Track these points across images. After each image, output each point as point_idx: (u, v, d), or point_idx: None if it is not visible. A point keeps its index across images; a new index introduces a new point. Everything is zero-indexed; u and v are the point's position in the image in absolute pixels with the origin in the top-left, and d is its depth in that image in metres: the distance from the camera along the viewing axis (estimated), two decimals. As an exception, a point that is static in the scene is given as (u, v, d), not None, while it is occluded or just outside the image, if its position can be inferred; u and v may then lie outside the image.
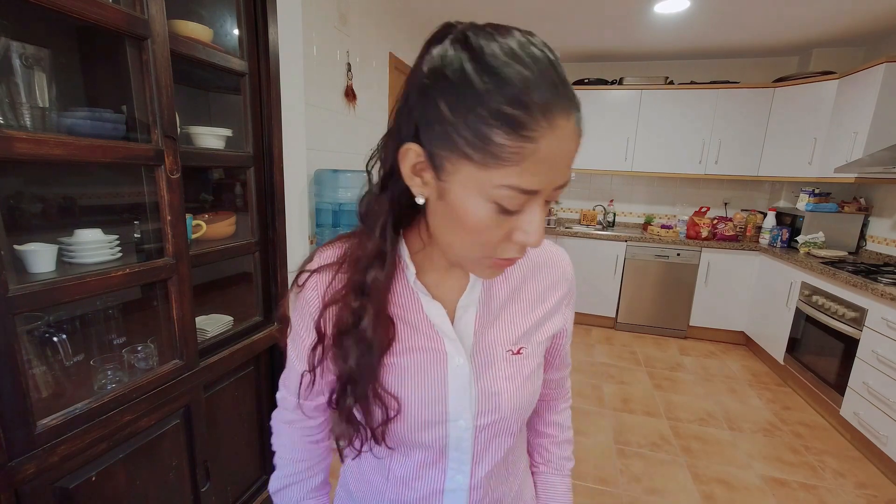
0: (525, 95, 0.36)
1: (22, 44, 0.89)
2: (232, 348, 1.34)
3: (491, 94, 0.36)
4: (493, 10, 2.84)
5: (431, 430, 0.53)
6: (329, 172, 1.97)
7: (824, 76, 3.09)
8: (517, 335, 0.56)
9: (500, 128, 0.36)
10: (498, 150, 0.37)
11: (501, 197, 0.39)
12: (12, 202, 1.01)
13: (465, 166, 0.39)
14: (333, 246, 0.55)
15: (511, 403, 0.54)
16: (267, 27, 1.34)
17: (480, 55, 0.38)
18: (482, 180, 0.39)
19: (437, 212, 0.45)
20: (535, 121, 0.36)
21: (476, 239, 0.43)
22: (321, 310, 0.52)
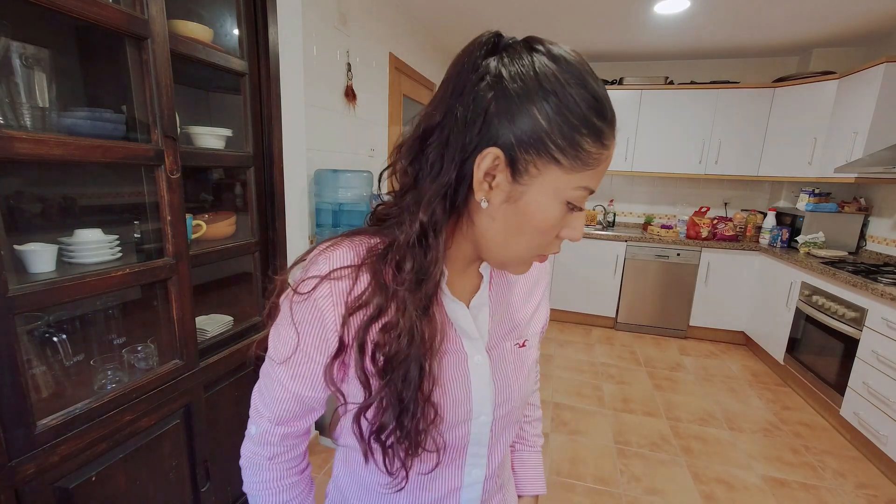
0: (606, 109, 0.43)
1: (22, 44, 0.89)
2: (232, 348, 1.34)
3: (582, 106, 0.41)
4: (493, 10, 2.84)
5: (456, 430, 0.53)
6: (329, 172, 1.97)
7: (824, 76, 3.09)
8: (520, 329, 0.58)
9: (589, 136, 0.42)
10: (585, 157, 0.42)
11: (575, 197, 0.44)
12: (12, 202, 1.01)
13: (551, 170, 0.43)
14: (340, 246, 0.49)
15: (520, 393, 0.57)
16: (267, 27, 1.34)
17: (568, 67, 0.42)
18: (564, 183, 0.43)
19: (499, 215, 0.46)
20: (611, 132, 0.44)
21: (539, 238, 0.46)
22: (343, 319, 0.47)
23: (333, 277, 0.47)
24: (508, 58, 0.43)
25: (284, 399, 0.51)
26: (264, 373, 0.53)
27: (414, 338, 0.46)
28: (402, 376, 0.46)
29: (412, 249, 0.47)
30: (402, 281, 0.46)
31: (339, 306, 0.47)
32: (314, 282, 0.47)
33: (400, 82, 3.00)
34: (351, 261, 0.48)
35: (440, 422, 0.50)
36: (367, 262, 0.48)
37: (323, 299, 0.47)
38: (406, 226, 0.47)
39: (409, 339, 0.46)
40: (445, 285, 0.51)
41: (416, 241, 0.47)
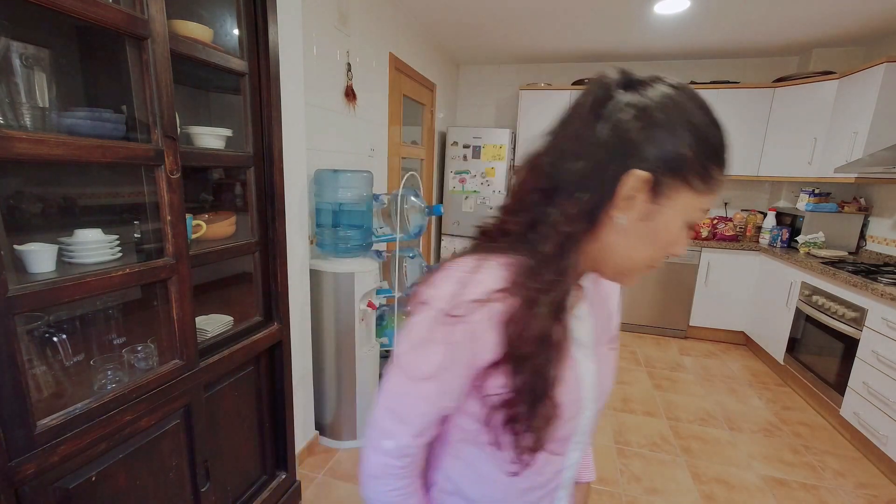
0: (727, 142, 0.49)
1: (22, 44, 0.89)
2: (232, 348, 1.34)
3: (716, 139, 0.48)
4: (493, 10, 2.84)
5: (569, 424, 0.59)
6: (329, 172, 1.97)
7: (824, 76, 3.09)
8: (611, 334, 0.66)
9: (718, 165, 0.48)
10: (713, 183, 0.48)
11: (697, 217, 0.50)
12: (12, 202, 1.01)
13: (684, 193, 0.48)
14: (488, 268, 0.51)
15: (611, 389, 0.66)
16: (267, 27, 1.34)
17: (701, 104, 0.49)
18: (693, 205, 0.49)
19: (631, 231, 0.51)
20: (727, 162, 0.49)
21: (661, 252, 0.52)
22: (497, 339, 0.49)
23: (489, 300, 0.49)
24: (646, 91, 0.48)
25: (428, 413, 0.54)
26: (399, 391, 0.55)
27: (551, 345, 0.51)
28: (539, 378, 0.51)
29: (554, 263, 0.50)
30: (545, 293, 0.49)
31: (494, 328, 0.49)
32: (471, 306, 0.49)
33: (400, 82, 3.00)
34: (502, 283, 0.50)
35: (559, 417, 0.54)
36: (516, 282, 0.50)
37: (479, 322, 0.49)
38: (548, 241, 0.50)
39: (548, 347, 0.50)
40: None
41: (557, 255, 0.50)
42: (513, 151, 4.00)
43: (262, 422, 1.56)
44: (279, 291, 1.53)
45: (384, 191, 2.79)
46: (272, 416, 1.60)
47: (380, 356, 2.27)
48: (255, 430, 1.53)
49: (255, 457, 1.54)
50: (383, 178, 2.84)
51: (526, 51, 3.79)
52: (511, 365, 0.50)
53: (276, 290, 1.53)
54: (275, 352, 1.57)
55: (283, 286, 1.54)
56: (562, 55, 3.88)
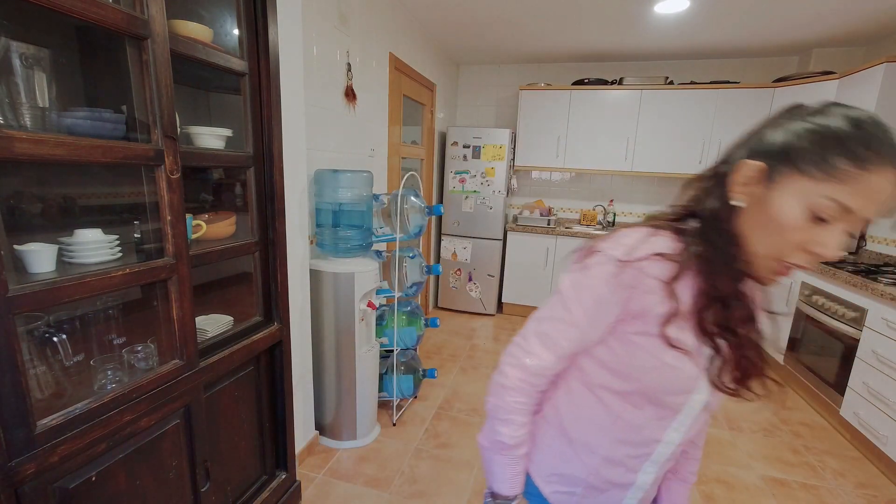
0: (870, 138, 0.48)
1: (22, 44, 0.89)
2: (232, 348, 1.34)
3: (839, 128, 0.49)
4: (493, 10, 2.84)
5: (680, 396, 0.63)
6: (329, 172, 1.97)
7: (824, 76, 3.09)
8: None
9: (843, 155, 0.48)
10: (834, 171, 0.49)
11: (822, 205, 0.50)
12: (12, 202, 1.01)
13: (799, 180, 0.51)
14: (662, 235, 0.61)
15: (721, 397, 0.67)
16: (267, 27, 1.34)
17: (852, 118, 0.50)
18: (810, 189, 0.50)
19: (749, 216, 0.56)
20: (875, 160, 0.48)
21: (779, 240, 0.53)
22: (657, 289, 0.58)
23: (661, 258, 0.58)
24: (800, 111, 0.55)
25: (573, 341, 0.63)
26: (554, 317, 0.64)
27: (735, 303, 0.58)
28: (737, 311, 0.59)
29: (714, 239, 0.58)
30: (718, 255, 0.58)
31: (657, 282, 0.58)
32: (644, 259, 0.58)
33: (400, 82, 3.00)
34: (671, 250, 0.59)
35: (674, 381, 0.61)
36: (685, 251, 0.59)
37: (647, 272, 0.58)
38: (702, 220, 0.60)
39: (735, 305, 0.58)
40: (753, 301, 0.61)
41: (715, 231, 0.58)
42: (513, 151, 4.00)
43: (262, 422, 1.56)
44: (279, 291, 1.53)
45: (384, 191, 2.79)
46: (272, 415, 1.60)
47: (380, 356, 2.27)
48: (255, 429, 1.53)
49: (255, 457, 1.54)
50: (383, 178, 2.84)
51: (526, 51, 3.79)
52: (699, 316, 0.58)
53: (276, 290, 1.53)
54: (275, 352, 1.57)
55: (283, 286, 1.54)
56: (562, 55, 3.88)
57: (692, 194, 0.63)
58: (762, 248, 0.55)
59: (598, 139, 3.84)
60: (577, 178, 4.31)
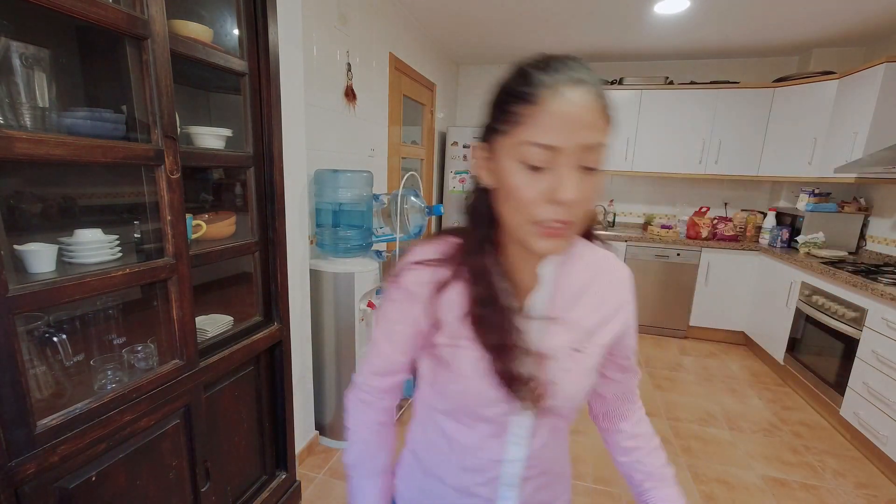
0: (533, 77, 0.49)
1: (22, 44, 0.89)
2: (232, 348, 1.34)
3: (510, 82, 0.51)
4: (493, 10, 2.84)
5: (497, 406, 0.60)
6: (329, 172, 1.97)
7: (824, 76, 3.09)
8: (579, 335, 0.62)
9: (515, 101, 0.49)
10: (515, 118, 0.49)
11: (525, 154, 0.49)
12: (12, 202, 1.01)
13: (501, 140, 0.52)
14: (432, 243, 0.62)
15: (566, 393, 0.60)
16: (267, 27, 1.34)
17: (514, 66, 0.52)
18: (511, 145, 0.50)
19: (498, 194, 0.55)
20: (538, 90, 0.48)
21: (517, 202, 0.51)
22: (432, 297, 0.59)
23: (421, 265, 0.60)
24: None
25: (384, 357, 0.65)
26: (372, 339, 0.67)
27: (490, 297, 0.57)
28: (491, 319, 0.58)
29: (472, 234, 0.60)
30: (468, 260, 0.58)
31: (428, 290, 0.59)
32: (405, 270, 0.61)
33: (400, 82, 3.00)
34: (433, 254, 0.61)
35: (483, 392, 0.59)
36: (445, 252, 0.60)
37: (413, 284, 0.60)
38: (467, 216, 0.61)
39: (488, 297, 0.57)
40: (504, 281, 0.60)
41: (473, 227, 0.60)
42: (513, 151, 4.00)
43: (262, 422, 1.56)
44: (279, 291, 1.53)
45: (384, 191, 2.79)
46: (272, 415, 1.60)
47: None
48: (255, 429, 1.53)
49: (255, 457, 1.54)
50: (383, 178, 2.84)
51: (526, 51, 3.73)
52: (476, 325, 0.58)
53: (276, 290, 1.53)
54: (275, 352, 1.57)
55: (283, 286, 1.54)
56: (562, 55, 3.87)
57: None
58: (515, 217, 0.53)
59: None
60: (577, 178, 4.30)
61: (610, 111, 0.52)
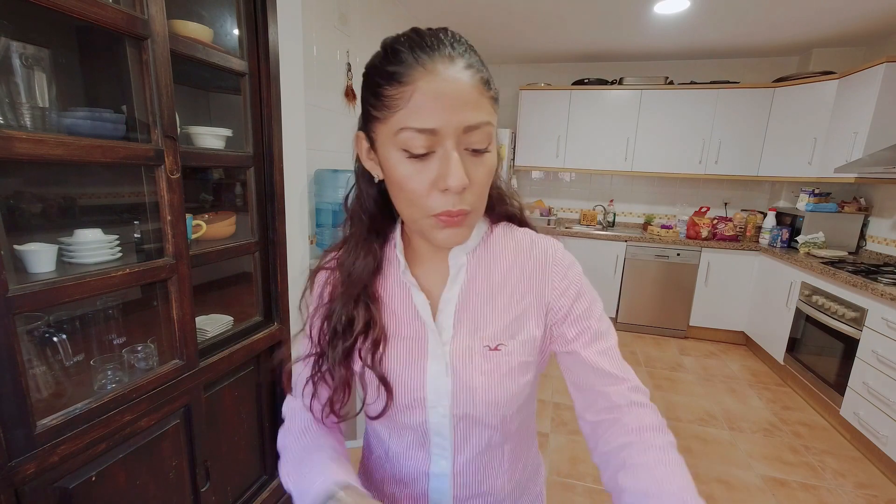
0: (404, 55, 0.45)
1: (22, 44, 0.89)
2: (232, 348, 1.34)
3: (382, 64, 0.46)
4: (492, 10, 2.84)
5: (413, 413, 0.56)
6: (329, 172, 1.97)
7: (824, 76, 3.09)
8: (496, 331, 0.56)
9: (387, 83, 0.45)
10: (388, 101, 0.45)
11: (405, 141, 0.45)
12: (12, 202, 1.01)
13: (379, 128, 0.47)
14: (332, 251, 0.62)
15: (486, 398, 0.54)
16: (267, 27, 1.34)
17: (384, 46, 0.48)
18: (388, 132, 0.46)
19: (388, 186, 0.52)
20: (410, 69, 0.44)
21: (407, 195, 0.48)
22: (329, 303, 0.58)
23: (320, 268, 0.61)
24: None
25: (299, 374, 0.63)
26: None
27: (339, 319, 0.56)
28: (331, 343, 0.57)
29: (341, 247, 0.59)
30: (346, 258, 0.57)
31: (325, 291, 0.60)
32: (312, 274, 0.62)
33: (400, 82, 3.00)
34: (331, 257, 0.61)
35: (395, 398, 0.56)
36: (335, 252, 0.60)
37: (317, 286, 0.61)
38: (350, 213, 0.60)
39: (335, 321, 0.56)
40: (407, 272, 0.57)
41: (343, 240, 0.59)
42: (513, 151, 4.00)
43: (262, 422, 1.56)
44: (279, 291, 1.53)
45: (384, 191, 2.79)
46: (272, 416, 1.60)
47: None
48: (255, 429, 1.53)
49: (255, 456, 1.54)
50: (383, 178, 2.84)
51: (526, 51, 3.79)
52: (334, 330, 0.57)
53: (276, 290, 1.53)
54: (275, 352, 1.57)
55: (283, 286, 1.54)
56: (562, 55, 3.88)
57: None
58: (410, 210, 0.49)
59: (598, 139, 3.84)
60: (577, 178, 4.31)
61: (492, 86, 0.48)
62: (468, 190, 0.47)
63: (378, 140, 0.49)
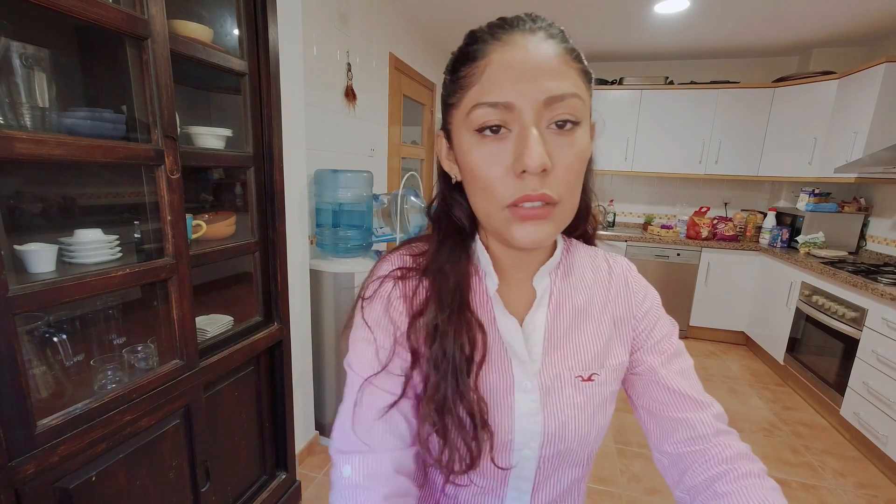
0: (481, 34, 0.43)
1: (22, 44, 0.89)
2: (232, 348, 1.34)
3: (459, 50, 0.45)
4: (493, 10, 2.84)
5: (498, 458, 0.48)
6: (329, 172, 1.97)
7: (824, 76, 3.09)
8: (587, 360, 0.51)
9: (462, 64, 0.43)
10: (462, 82, 0.43)
11: (477, 119, 0.41)
12: (12, 202, 1.01)
13: (454, 114, 0.44)
14: (399, 252, 0.53)
15: (578, 434, 0.49)
16: (267, 27, 1.34)
17: (466, 34, 0.46)
18: (461, 115, 0.43)
19: (465, 184, 0.47)
20: (484, 44, 0.42)
21: (481, 183, 0.42)
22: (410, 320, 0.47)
23: (389, 276, 0.50)
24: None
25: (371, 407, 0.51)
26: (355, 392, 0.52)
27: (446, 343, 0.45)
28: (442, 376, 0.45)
29: (436, 251, 0.50)
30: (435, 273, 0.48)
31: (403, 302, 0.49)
32: (376, 282, 0.51)
33: (400, 82, 3.00)
34: (403, 262, 0.51)
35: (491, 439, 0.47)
36: (413, 257, 0.52)
37: (389, 296, 0.50)
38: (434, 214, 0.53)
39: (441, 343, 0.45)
40: (497, 295, 0.50)
41: (437, 243, 0.50)
42: (513, 151, 4.00)
43: (262, 422, 1.56)
44: (279, 291, 1.53)
45: (384, 191, 2.79)
46: (272, 415, 1.60)
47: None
48: (255, 429, 1.53)
49: (255, 457, 1.54)
50: (383, 178, 2.84)
51: (526, 51, 3.79)
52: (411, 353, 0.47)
53: (276, 290, 1.53)
54: (275, 352, 1.57)
55: (283, 286, 1.54)
56: (562, 55, 3.87)
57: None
58: (485, 203, 0.43)
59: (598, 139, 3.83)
60: (577, 178, 4.30)
61: (579, 56, 0.43)
62: (552, 175, 0.40)
63: (453, 129, 0.45)
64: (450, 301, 0.46)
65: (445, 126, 0.47)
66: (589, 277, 0.55)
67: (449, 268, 0.48)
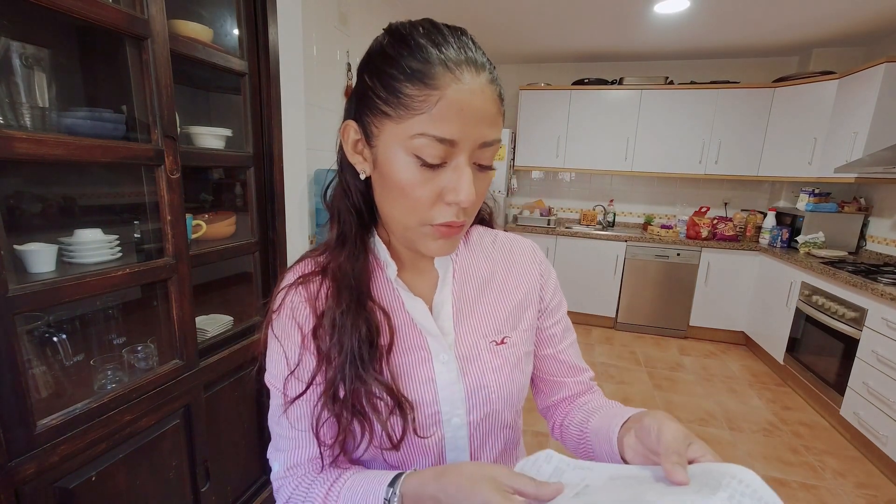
0: (429, 53, 0.42)
1: (22, 44, 0.89)
2: (232, 348, 1.34)
3: (401, 56, 0.42)
4: (492, 10, 2.84)
5: (427, 432, 0.52)
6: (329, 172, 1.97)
7: (824, 76, 3.09)
8: (497, 324, 0.56)
9: (408, 81, 0.41)
10: (408, 101, 0.41)
11: (419, 147, 0.42)
12: (12, 202, 1.01)
13: (388, 126, 0.43)
14: (303, 260, 0.56)
15: (501, 394, 0.53)
16: (267, 27, 1.34)
17: (397, 33, 0.45)
18: (400, 133, 0.42)
19: (377, 184, 0.48)
20: (439, 72, 0.41)
21: (408, 202, 0.44)
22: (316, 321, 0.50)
23: (295, 284, 0.53)
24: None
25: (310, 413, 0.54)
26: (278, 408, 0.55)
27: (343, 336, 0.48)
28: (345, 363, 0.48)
29: (334, 248, 0.52)
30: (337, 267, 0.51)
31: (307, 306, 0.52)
32: (282, 294, 0.53)
33: (400, 82, 3.00)
34: (311, 268, 0.53)
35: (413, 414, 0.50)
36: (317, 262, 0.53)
37: (293, 305, 0.52)
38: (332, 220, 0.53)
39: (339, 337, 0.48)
40: (398, 279, 0.53)
41: (335, 239, 0.52)
42: (513, 151, 4.00)
43: (263, 422, 1.55)
44: (279, 291, 1.53)
45: (384, 191, 2.79)
46: (272, 416, 1.60)
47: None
48: (255, 429, 1.53)
49: (255, 456, 1.54)
50: (383, 178, 2.84)
51: (526, 51, 3.79)
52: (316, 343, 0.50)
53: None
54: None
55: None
56: (562, 55, 3.88)
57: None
58: (405, 217, 0.46)
59: (597, 139, 3.84)
60: (577, 177, 4.31)
61: (503, 97, 0.46)
62: (472, 205, 0.45)
63: (381, 137, 0.44)
64: (347, 295, 0.49)
65: (363, 123, 0.46)
66: (488, 248, 0.60)
67: (347, 263, 0.50)
